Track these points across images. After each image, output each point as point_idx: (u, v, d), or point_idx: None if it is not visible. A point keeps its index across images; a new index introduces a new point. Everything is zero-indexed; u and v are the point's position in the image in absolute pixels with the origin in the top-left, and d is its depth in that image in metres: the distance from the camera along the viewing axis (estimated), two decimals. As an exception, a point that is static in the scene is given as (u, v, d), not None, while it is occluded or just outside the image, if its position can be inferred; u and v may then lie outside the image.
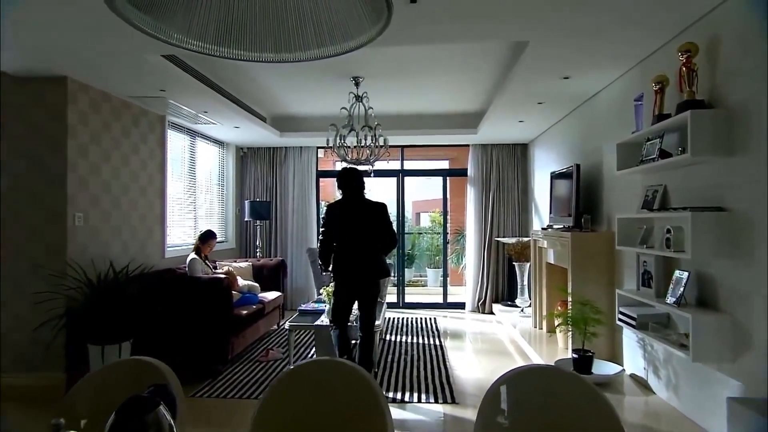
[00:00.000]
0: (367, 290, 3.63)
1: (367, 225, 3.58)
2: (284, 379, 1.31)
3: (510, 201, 6.80)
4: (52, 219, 3.54)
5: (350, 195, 3.65)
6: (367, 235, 3.57)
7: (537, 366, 1.29)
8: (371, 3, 0.98)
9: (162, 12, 0.97)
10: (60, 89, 3.54)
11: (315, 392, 1.27)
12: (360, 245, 3.58)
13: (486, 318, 6.48)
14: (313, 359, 1.40)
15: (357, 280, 3.62)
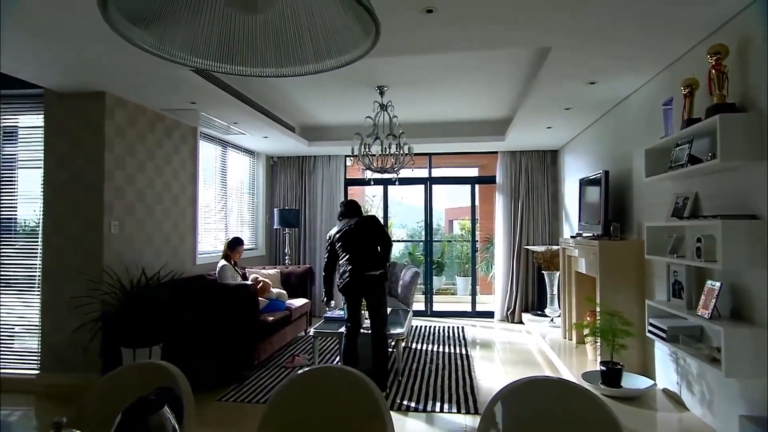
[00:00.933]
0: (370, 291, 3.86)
1: (363, 234, 3.91)
2: (289, 385, 1.33)
3: (540, 208, 6.68)
4: (90, 227, 3.72)
5: (345, 219, 4.04)
6: (364, 242, 3.89)
7: (538, 378, 1.26)
8: (362, 21, 1.00)
9: (164, 31, 1.02)
10: (99, 104, 3.74)
11: (318, 398, 1.29)
12: (358, 252, 3.86)
13: (515, 327, 6.36)
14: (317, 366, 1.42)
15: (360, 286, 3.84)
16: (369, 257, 3.87)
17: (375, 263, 3.88)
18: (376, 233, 3.95)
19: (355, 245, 3.89)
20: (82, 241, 3.73)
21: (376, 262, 3.88)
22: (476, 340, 5.71)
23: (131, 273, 3.80)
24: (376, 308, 3.88)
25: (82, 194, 3.74)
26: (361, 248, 3.88)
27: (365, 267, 3.83)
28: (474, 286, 7.25)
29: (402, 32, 2.77)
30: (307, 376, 1.35)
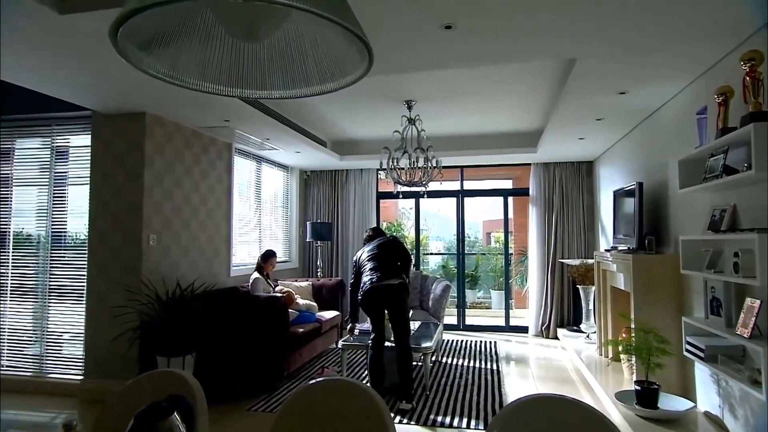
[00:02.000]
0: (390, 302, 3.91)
1: (384, 251, 4.11)
2: (298, 396, 1.37)
3: (575, 221, 6.51)
4: (130, 240, 3.92)
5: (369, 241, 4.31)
6: (385, 257, 4.05)
7: (541, 396, 1.24)
8: (357, 48, 1.04)
9: (177, 59, 1.10)
10: (139, 123, 3.96)
11: (325, 410, 1.32)
12: (379, 265, 3.99)
13: (550, 343, 6.19)
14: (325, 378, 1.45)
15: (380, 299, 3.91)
16: (389, 269, 3.99)
17: (394, 275, 3.97)
18: (396, 250, 4.16)
19: (377, 261, 4.05)
20: (122, 253, 3.93)
21: (395, 274, 3.99)
22: (509, 355, 5.59)
23: (167, 284, 3.96)
24: (398, 320, 3.91)
25: (124, 209, 3.95)
26: (382, 262, 4.03)
27: (384, 277, 3.92)
28: (507, 300, 7.12)
29: (421, 49, 2.81)
30: (312, 388, 1.38)
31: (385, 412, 1.26)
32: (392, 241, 4.26)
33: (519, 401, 1.18)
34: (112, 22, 0.85)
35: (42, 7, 2.27)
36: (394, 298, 3.92)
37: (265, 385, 4.09)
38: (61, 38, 2.61)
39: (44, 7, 2.28)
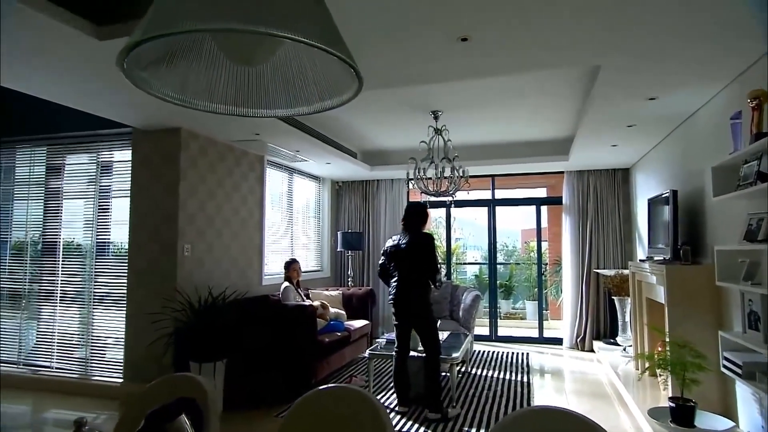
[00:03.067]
0: (416, 317, 3.88)
1: (412, 256, 3.89)
2: (304, 402, 1.41)
3: (610, 230, 6.32)
4: (166, 250, 4.11)
5: (404, 228, 4.07)
6: (412, 265, 3.89)
7: (539, 408, 1.23)
8: (349, 72, 1.08)
9: (185, 82, 1.18)
10: (174, 138, 4.16)
11: (326, 415, 1.36)
12: (405, 275, 3.90)
13: (585, 356, 6.01)
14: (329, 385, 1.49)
15: (405, 309, 3.90)
16: (414, 281, 3.88)
17: (420, 287, 3.87)
18: (424, 257, 3.89)
19: (403, 267, 3.91)
20: (159, 262, 4.12)
21: (421, 286, 3.88)
22: (541, 368, 5.46)
23: (201, 292, 4.11)
24: (424, 331, 3.89)
25: (160, 220, 4.15)
26: (408, 271, 3.89)
27: (409, 289, 3.87)
28: (541, 311, 6.97)
29: (437, 61, 2.84)
30: (319, 394, 1.42)
31: (386, 419, 1.28)
32: (422, 246, 3.91)
33: (516, 413, 1.18)
34: (119, 52, 0.93)
35: (82, 35, 2.45)
36: (418, 312, 3.87)
37: (293, 392, 4.15)
38: (101, 63, 2.80)
39: (85, 35, 2.46)
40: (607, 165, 6.20)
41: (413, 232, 4.00)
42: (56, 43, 2.55)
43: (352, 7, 2.22)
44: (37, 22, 2.32)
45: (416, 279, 3.88)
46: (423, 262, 3.88)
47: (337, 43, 1.02)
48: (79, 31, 2.42)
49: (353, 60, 1.03)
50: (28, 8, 2.20)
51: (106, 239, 4.66)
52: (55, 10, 2.32)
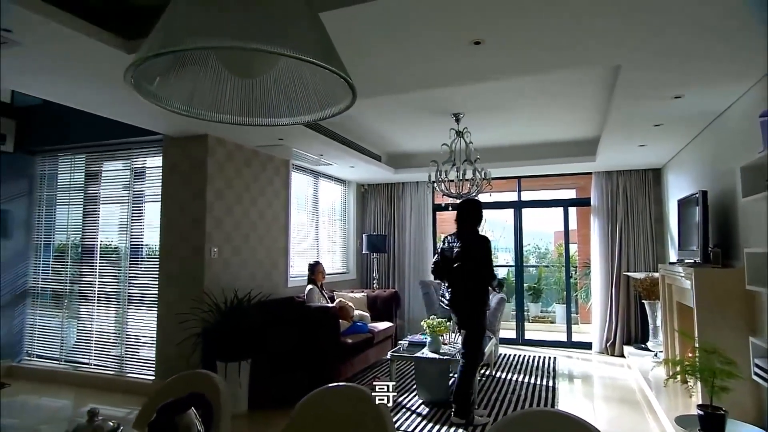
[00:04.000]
0: (465, 320, 3.86)
1: (467, 259, 3.81)
2: (307, 401, 1.46)
3: (641, 232, 6.15)
4: (194, 253, 4.26)
5: (458, 228, 3.96)
6: (467, 269, 3.80)
7: (534, 410, 1.24)
8: (345, 83, 1.13)
9: (193, 96, 1.25)
10: (202, 145, 4.31)
11: (331, 414, 1.40)
12: (460, 277, 3.82)
13: (615, 361, 5.86)
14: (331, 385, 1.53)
15: (457, 312, 3.89)
16: (468, 285, 3.80)
17: (473, 291, 3.80)
18: (479, 261, 3.79)
19: (457, 270, 3.82)
20: (187, 265, 4.28)
21: (474, 290, 3.80)
22: (568, 372, 5.37)
23: (227, 294, 4.24)
24: (468, 334, 3.86)
25: (189, 224, 4.30)
26: (462, 274, 3.81)
27: (461, 293, 3.82)
28: (569, 314, 6.84)
29: (450, 64, 2.86)
30: (323, 393, 1.47)
31: (386, 415, 1.32)
32: (477, 250, 3.80)
33: (511, 416, 1.19)
34: (126, 68, 1.00)
35: (113, 50, 2.59)
36: (469, 315, 3.85)
37: (316, 393, 4.23)
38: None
39: (116, 50, 2.60)
40: (636, 165, 6.04)
41: (468, 233, 3.90)
42: (91, 58, 2.70)
43: (367, 17, 2.27)
44: (74, 40, 2.47)
45: (470, 283, 3.80)
46: (479, 266, 3.77)
47: (331, 56, 1.07)
48: (110, 47, 2.56)
49: (346, 72, 1.08)
50: (66, 28, 2.35)
51: (140, 242, 4.87)
52: (90, 28, 2.46)
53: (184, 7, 1.02)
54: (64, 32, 2.39)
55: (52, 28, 2.35)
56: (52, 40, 2.49)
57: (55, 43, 2.53)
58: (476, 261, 3.78)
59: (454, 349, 4.38)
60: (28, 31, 2.39)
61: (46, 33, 2.41)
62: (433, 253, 7.34)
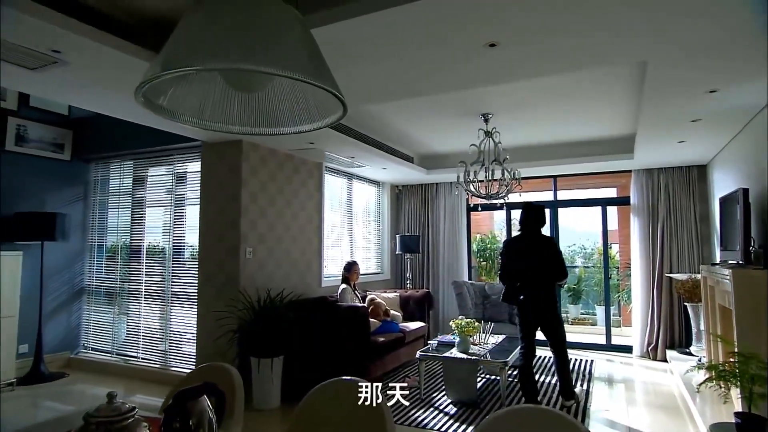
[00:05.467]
0: (546, 316, 4.05)
1: (544, 259, 4.01)
2: (311, 396, 1.55)
3: (684, 231, 5.89)
4: (230, 254, 4.46)
5: (526, 231, 4.15)
6: (544, 268, 4.01)
7: (520, 408, 1.27)
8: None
9: (203, 110, 1.36)
10: (237, 150, 4.51)
11: (331, 408, 1.48)
12: (535, 278, 4.02)
13: (657, 366, 5.65)
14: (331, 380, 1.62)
15: (536, 311, 4.04)
16: (545, 283, 4.00)
17: (551, 288, 4.03)
18: (553, 259, 4.01)
19: (530, 272, 4.02)
20: (224, 265, 4.49)
21: (552, 287, 4.03)
22: (606, 376, 5.23)
23: (261, 294, 4.41)
24: (554, 330, 4.06)
25: (225, 226, 4.51)
26: (539, 273, 4.00)
27: (540, 291, 3.99)
28: (608, 317, 6.64)
29: (466, 66, 2.88)
30: (324, 388, 1.55)
31: (385, 408, 1.39)
32: (546, 249, 4.03)
33: (496, 414, 1.22)
34: (136, 87, 1.12)
35: (148, 65, 2.79)
36: (548, 316, 4.03)
37: (347, 390, 4.34)
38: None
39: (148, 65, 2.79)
40: (679, 162, 5.80)
41: (535, 234, 4.11)
42: (130, 73, 2.89)
43: (375, 28, 2.35)
44: (115, 58, 2.67)
45: (547, 281, 4.02)
46: (553, 264, 4.00)
47: (321, 73, 1.16)
48: (147, 62, 2.75)
49: (336, 87, 1.16)
50: (106, 47, 2.55)
51: (182, 243, 5.15)
52: (129, 46, 2.65)
53: (188, 31, 1.13)
54: (106, 51, 2.60)
55: (95, 48, 2.56)
56: (96, 58, 2.70)
57: (99, 61, 2.74)
58: (552, 260, 4.00)
59: (484, 349, 4.38)
60: (74, 51, 2.61)
61: (90, 52, 2.62)
62: (468, 253, 7.34)
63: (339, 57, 2.73)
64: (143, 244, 5.40)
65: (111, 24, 2.60)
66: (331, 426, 1.50)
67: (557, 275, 4.03)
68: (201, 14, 1.13)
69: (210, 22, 1.12)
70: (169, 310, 5.12)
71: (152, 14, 2.65)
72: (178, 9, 2.53)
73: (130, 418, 1.17)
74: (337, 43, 2.55)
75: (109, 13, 2.59)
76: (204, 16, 1.13)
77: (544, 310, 4.02)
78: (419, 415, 3.94)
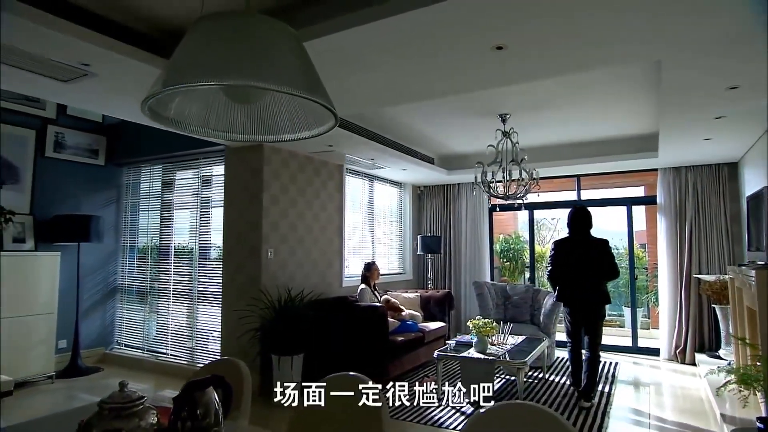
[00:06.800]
0: (591, 316, 4.23)
1: (592, 260, 4.17)
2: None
3: (714, 231, 5.72)
4: (252, 254, 4.60)
5: (574, 233, 4.33)
6: (591, 268, 4.16)
7: (507, 404, 1.30)
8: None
9: (208, 121, 1.45)
10: (258, 154, 4.65)
11: (334, 400, 1.56)
12: (584, 277, 4.18)
13: (685, 369, 5.51)
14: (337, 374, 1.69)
15: (584, 308, 4.24)
16: (597, 283, 4.14)
17: (603, 288, 4.18)
18: (606, 260, 4.14)
19: (578, 272, 4.18)
20: (246, 265, 4.63)
21: (603, 287, 4.18)
22: (631, 379, 5.14)
23: (282, 293, 4.53)
24: (591, 332, 4.22)
25: (247, 227, 4.66)
26: (590, 274, 4.14)
27: (591, 290, 4.14)
28: (634, 318, 6.51)
29: (473, 69, 2.90)
30: (330, 381, 1.63)
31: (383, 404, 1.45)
32: (602, 250, 4.18)
33: (487, 410, 1.26)
34: (141, 102, 1.22)
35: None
36: (594, 317, 4.21)
37: (365, 388, 4.41)
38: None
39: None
40: (708, 160, 5.64)
41: (586, 236, 4.30)
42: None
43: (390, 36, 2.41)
44: (139, 69, 2.82)
45: (598, 281, 4.16)
46: (603, 264, 4.14)
47: (314, 87, 1.23)
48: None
49: (330, 102, 1.24)
50: (131, 59, 2.70)
51: (208, 244, 5.34)
52: (154, 59, 2.80)
53: (188, 49, 1.22)
54: (131, 63, 2.75)
55: (121, 60, 2.71)
56: (122, 70, 2.86)
57: (125, 72, 2.90)
58: (601, 260, 4.15)
59: (502, 350, 4.38)
60: (102, 63, 2.77)
61: (117, 64, 2.78)
62: (490, 254, 7.31)
63: (352, 62, 2.81)
64: (171, 245, 5.62)
65: (135, 37, 2.75)
66: (330, 417, 1.57)
67: (608, 275, 4.16)
68: (201, 33, 1.22)
69: (208, 41, 1.21)
70: (196, 308, 5.31)
71: (173, 26, 2.79)
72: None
73: (140, 405, 1.26)
74: (350, 49, 2.63)
75: (133, 26, 2.74)
76: (203, 34, 1.22)
77: (591, 311, 4.20)
78: (436, 414, 3.98)
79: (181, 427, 1.38)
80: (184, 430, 1.37)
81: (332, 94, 1.30)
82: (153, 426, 1.29)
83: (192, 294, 5.36)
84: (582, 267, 4.17)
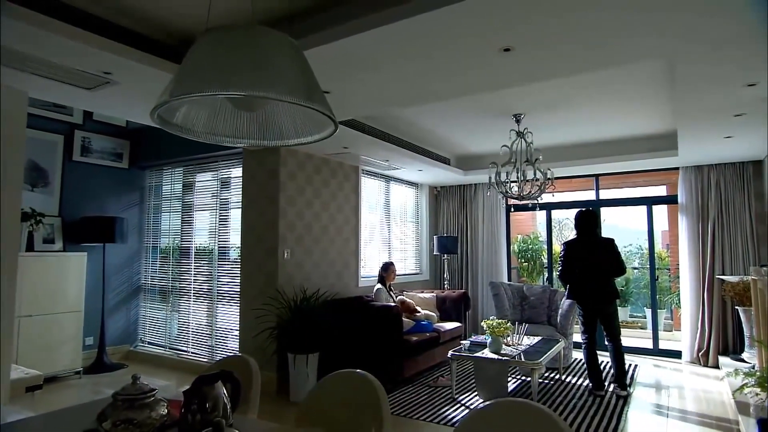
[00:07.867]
0: (604, 310, 4.53)
1: (599, 258, 4.50)
2: (318, 386, 1.68)
3: (738, 231, 5.59)
4: (269, 254, 4.70)
5: (582, 234, 4.65)
6: (599, 266, 4.49)
7: (500, 401, 1.33)
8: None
9: (214, 127, 1.52)
10: (275, 156, 4.74)
11: (336, 396, 1.60)
12: (595, 275, 4.49)
13: (708, 372, 5.39)
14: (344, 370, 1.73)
15: (595, 304, 4.53)
16: (608, 280, 4.47)
17: (613, 284, 4.50)
18: (615, 258, 4.50)
19: (595, 268, 4.48)
20: (264, 265, 4.73)
21: (613, 283, 4.50)
22: (649, 381, 5.05)
23: (298, 293, 4.62)
24: (613, 323, 4.52)
25: (264, 228, 4.76)
26: (602, 271, 4.47)
27: (603, 287, 4.46)
28: (654, 320, 6.39)
29: (479, 71, 2.91)
30: (330, 379, 1.68)
31: (382, 396, 1.50)
32: (608, 249, 4.52)
33: (482, 408, 1.29)
34: (150, 110, 1.29)
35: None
36: (607, 310, 4.51)
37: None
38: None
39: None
40: (730, 158, 5.51)
41: (594, 236, 4.66)
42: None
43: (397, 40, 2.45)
44: (157, 76, 2.94)
45: (605, 277, 4.47)
46: (611, 262, 4.48)
47: (315, 96, 1.29)
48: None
49: (329, 109, 1.29)
50: (149, 67, 2.81)
51: (227, 244, 5.46)
52: (170, 66, 2.90)
53: (195, 60, 1.29)
54: (150, 71, 2.86)
55: (141, 69, 2.83)
56: (142, 77, 2.98)
57: (145, 79, 3.01)
58: (609, 258, 4.49)
59: (516, 350, 4.37)
60: (122, 71, 2.89)
61: (136, 72, 2.90)
62: (508, 254, 7.28)
63: (362, 66, 2.86)
64: (192, 246, 5.77)
65: (153, 45, 2.86)
66: (332, 412, 1.62)
67: (615, 271, 4.49)
68: (206, 45, 1.28)
69: (213, 53, 1.27)
70: (216, 307, 5.44)
71: (189, 35, 2.89)
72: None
73: (151, 397, 1.34)
74: (360, 53, 2.67)
75: (151, 35, 2.85)
76: (208, 46, 1.28)
77: (603, 302, 4.48)
78: (449, 413, 4.00)
79: (190, 419, 1.45)
80: (193, 422, 1.44)
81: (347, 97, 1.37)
82: (163, 417, 1.36)
83: (212, 293, 5.50)
84: (591, 265, 4.49)
